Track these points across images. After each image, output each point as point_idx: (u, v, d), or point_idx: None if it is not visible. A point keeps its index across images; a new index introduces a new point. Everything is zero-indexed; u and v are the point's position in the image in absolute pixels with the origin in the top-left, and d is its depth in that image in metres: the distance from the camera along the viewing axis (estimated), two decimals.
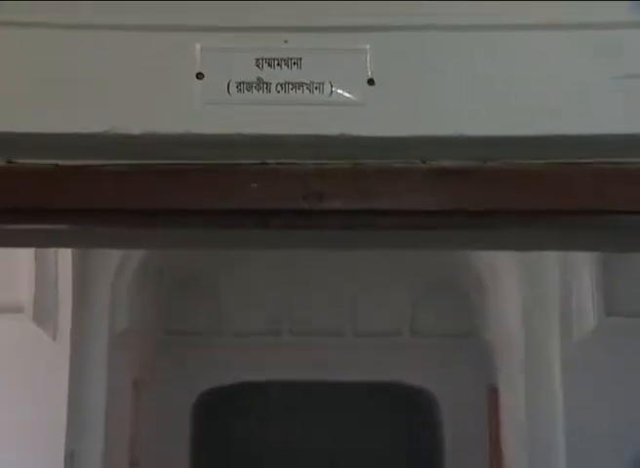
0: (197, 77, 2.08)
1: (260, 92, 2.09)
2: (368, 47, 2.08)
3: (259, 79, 2.08)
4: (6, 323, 5.68)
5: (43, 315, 6.27)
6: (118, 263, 6.78)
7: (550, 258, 6.42)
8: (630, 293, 6.14)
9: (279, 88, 2.08)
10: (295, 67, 2.08)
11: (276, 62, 2.08)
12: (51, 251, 6.20)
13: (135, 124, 2.06)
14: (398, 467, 8.51)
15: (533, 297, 6.51)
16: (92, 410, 6.52)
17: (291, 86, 2.08)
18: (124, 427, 7.30)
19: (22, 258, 6.14)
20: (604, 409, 5.94)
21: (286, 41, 2.07)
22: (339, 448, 8.66)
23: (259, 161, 2.23)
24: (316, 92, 2.08)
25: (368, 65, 2.08)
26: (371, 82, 2.08)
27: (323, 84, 2.08)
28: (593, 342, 6.14)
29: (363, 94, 2.08)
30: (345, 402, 8.79)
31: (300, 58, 2.08)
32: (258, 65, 2.08)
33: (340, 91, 2.08)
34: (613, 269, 6.16)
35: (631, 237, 2.50)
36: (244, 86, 2.08)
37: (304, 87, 2.08)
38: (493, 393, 7.69)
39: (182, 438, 8.52)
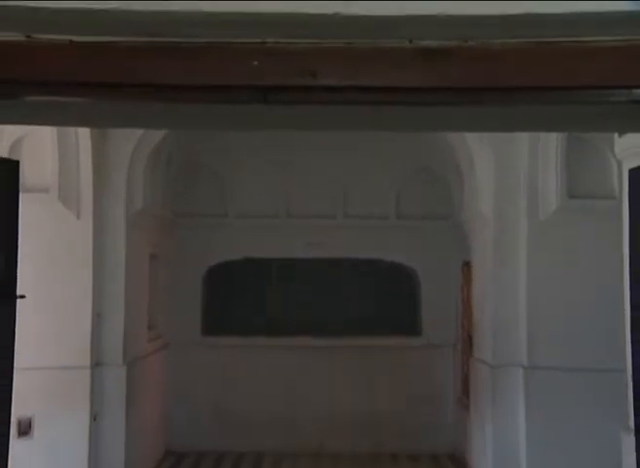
0: None
1: None
2: None
3: None
4: (34, 202, 5.64)
5: (67, 196, 6.26)
6: (133, 150, 6.71)
7: (520, 148, 6.38)
8: (589, 178, 6.14)
9: None
10: None
11: None
12: (72, 136, 6.11)
13: (142, 1, 1.98)
14: (382, 326, 8.74)
15: (504, 183, 6.52)
16: (114, 280, 6.62)
17: None
18: (142, 295, 7.44)
19: (47, 143, 6.06)
20: (562, 277, 6.06)
21: None
22: (327, 306, 8.83)
23: (259, 40, 2.16)
24: None
25: None
26: None
27: None
28: (556, 222, 6.19)
29: None
30: (336, 276, 8.93)
31: None
32: None
33: None
34: (574, 157, 6.13)
35: (601, 116, 2.46)
36: None
37: None
38: (466, 267, 7.81)
39: (194, 305, 8.70)
